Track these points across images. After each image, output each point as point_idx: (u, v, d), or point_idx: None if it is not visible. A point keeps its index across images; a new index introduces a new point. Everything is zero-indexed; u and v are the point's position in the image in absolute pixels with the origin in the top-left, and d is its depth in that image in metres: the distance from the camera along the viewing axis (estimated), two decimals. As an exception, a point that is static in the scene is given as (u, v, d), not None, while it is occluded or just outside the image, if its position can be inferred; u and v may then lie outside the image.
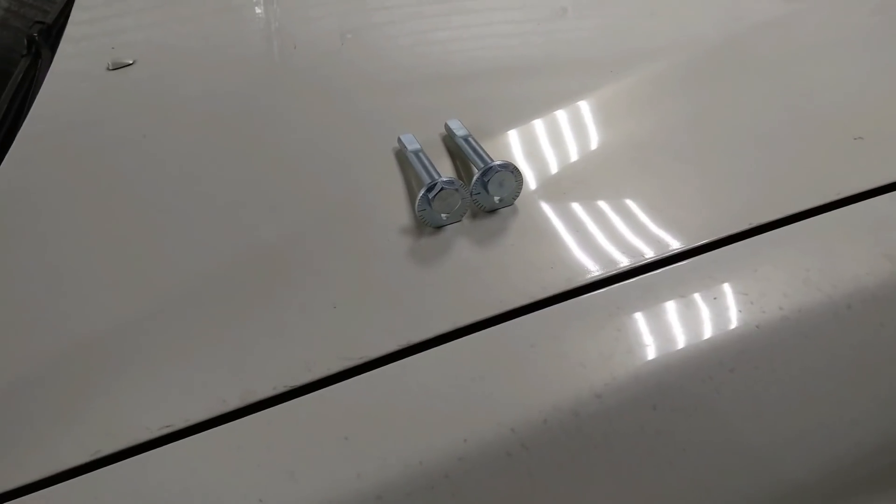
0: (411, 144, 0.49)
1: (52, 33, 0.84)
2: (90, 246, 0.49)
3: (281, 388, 0.37)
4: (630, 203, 0.47)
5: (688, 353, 0.39)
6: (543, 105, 0.58)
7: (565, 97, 0.59)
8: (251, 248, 0.46)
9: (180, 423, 0.36)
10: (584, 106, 0.57)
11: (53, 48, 0.77)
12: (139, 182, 0.54)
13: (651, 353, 0.38)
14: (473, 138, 0.49)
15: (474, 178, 0.44)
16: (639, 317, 0.40)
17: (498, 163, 0.44)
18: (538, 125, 0.56)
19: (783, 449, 0.39)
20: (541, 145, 0.54)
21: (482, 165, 0.45)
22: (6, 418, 0.38)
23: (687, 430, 0.38)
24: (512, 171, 0.44)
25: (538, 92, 0.61)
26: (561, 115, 0.57)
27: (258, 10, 0.80)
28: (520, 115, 0.56)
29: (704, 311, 0.40)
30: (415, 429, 0.35)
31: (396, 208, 0.47)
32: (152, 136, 0.59)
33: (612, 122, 0.56)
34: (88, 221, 0.51)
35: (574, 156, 0.52)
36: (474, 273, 0.42)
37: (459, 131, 0.50)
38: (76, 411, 0.38)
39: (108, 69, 0.69)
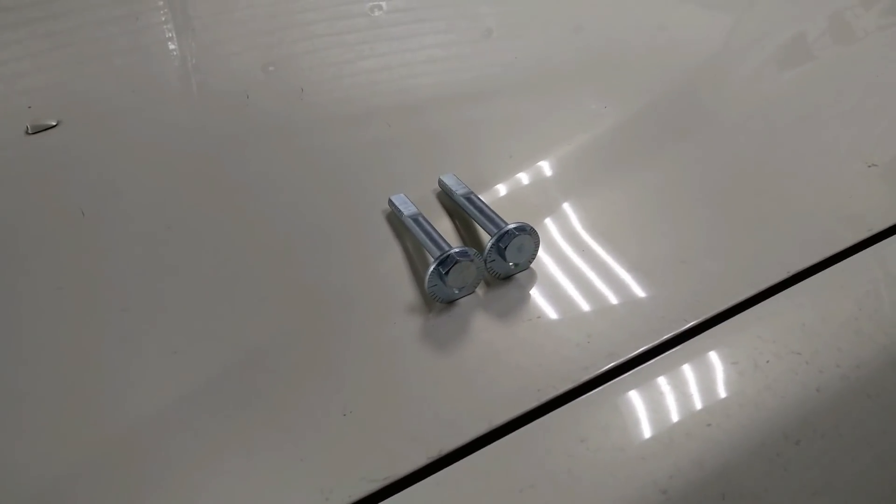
0: (406, 207, 0.44)
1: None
2: (36, 367, 0.40)
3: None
4: (656, 255, 0.43)
5: (749, 428, 0.35)
6: (527, 140, 0.54)
7: (544, 128, 0.56)
8: (238, 351, 0.39)
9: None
10: (583, 142, 0.53)
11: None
12: (88, 274, 0.46)
13: (712, 432, 0.34)
14: (476, 196, 0.44)
15: (489, 244, 0.39)
16: (692, 391, 0.36)
17: (513, 225, 0.39)
18: (528, 165, 0.51)
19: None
20: (541, 193, 0.49)
21: (496, 230, 0.40)
22: None
23: (762, 519, 0.33)
24: (530, 233, 0.40)
25: (506, 121, 0.57)
26: (555, 154, 0.52)
27: (172, 47, 0.73)
28: (501, 156, 0.52)
29: (759, 378, 0.36)
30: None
31: (399, 285, 0.42)
32: (94, 213, 0.50)
33: (619, 160, 0.52)
34: (36, 335, 0.42)
35: (585, 204, 0.47)
36: (503, 357, 0.37)
37: (459, 188, 0.45)
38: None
39: (28, 133, 0.60)
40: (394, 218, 0.46)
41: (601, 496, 0.32)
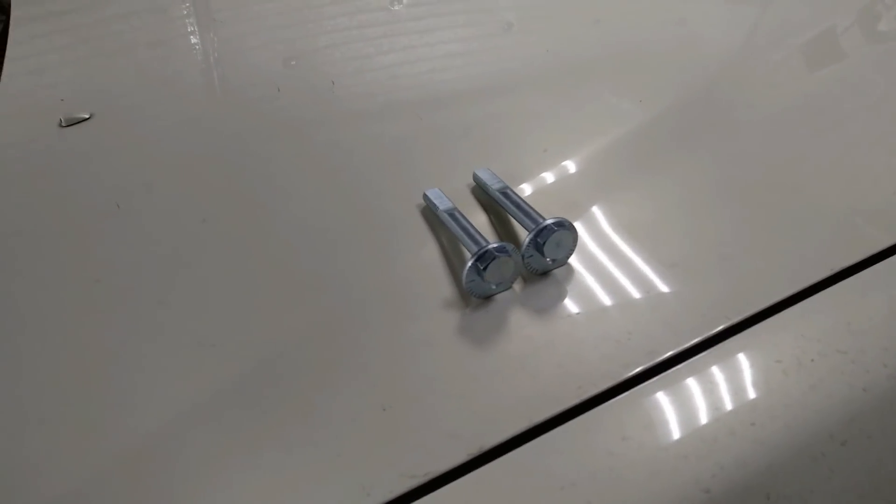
0: (441, 202, 0.44)
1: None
2: (69, 366, 0.40)
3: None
4: (695, 251, 0.42)
5: (794, 428, 0.34)
6: (559, 134, 0.54)
7: (575, 122, 0.55)
8: (275, 345, 0.39)
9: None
10: (616, 136, 0.53)
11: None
12: (126, 266, 0.46)
13: (755, 431, 0.34)
14: (512, 191, 0.44)
15: (527, 239, 0.39)
16: (735, 390, 0.35)
17: (551, 221, 0.39)
18: (562, 159, 0.51)
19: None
20: (577, 187, 0.48)
21: (533, 226, 0.39)
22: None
23: (808, 521, 0.33)
24: (568, 228, 0.39)
25: (536, 115, 0.57)
26: (589, 148, 0.52)
27: (194, 41, 0.73)
28: (535, 150, 0.52)
29: (804, 377, 0.36)
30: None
31: (435, 280, 0.41)
32: (129, 206, 0.51)
33: (653, 155, 0.51)
34: (67, 324, 0.42)
35: (621, 199, 0.47)
36: (542, 354, 0.37)
37: (494, 183, 0.45)
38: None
39: (62, 125, 0.61)
40: (429, 213, 0.46)
41: (643, 495, 0.32)
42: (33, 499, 0.33)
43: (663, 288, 0.40)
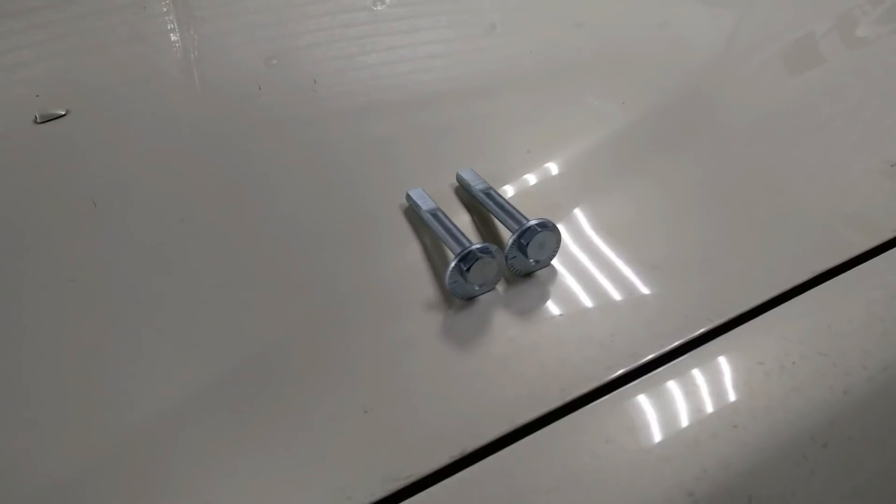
0: (424, 202, 0.43)
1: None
2: (48, 360, 0.39)
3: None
4: (678, 253, 0.42)
5: (776, 430, 0.34)
6: (542, 135, 0.54)
7: (558, 123, 0.55)
8: (254, 347, 0.39)
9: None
10: (599, 138, 0.53)
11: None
12: (102, 266, 0.45)
13: (738, 434, 0.33)
14: (495, 191, 0.43)
15: (510, 240, 0.39)
16: (717, 392, 0.35)
17: (535, 222, 0.39)
18: (545, 161, 0.51)
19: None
20: (560, 188, 0.48)
21: (517, 227, 0.39)
22: None
23: (788, 522, 0.33)
24: (552, 229, 0.39)
25: (519, 117, 0.57)
26: (572, 150, 0.52)
27: (174, 38, 0.72)
28: (518, 151, 0.52)
29: (786, 379, 0.36)
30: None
31: (417, 281, 0.41)
32: (106, 204, 0.50)
33: (636, 157, 0.51)
34: (41, 324, 0.41)
35: (605, 200, 0.47)
36: (525, 355, 0.36)
37: (477, 183, 0.44)
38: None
39: (37, 122, 0.59)
40: (412, 213, 0.46)
41: (627, 498, 0.31)
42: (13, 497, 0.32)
43: (646, 290, 0.40)
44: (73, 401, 0.37)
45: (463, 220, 0.45)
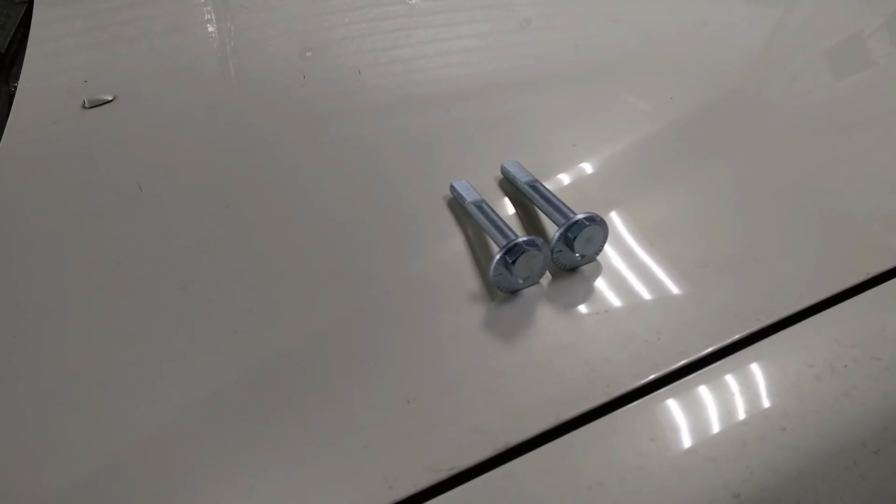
0: (469, 194, 0.43)
1: (3, 63, 0.75)
2: (95, 342, 0.40)
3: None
4: (727, 252, 0.42)
5: (826, 435, 0.33)
6: (588, 130, 0.53)
7: (602, 119, 0.55)
8: (299, 335, 0.39)
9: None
10: (647, 134, 0.52)
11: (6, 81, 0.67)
12: (148, 250, 0.45)
13: (787, 437, 0.33)
14: (542, 184, 0.43)
15: (556, 234, 0.38)
16: (766, 394, 0.34)
17: (583, 215, 0.38)
18: (592, 155, 0.50)
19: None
20: (606, 183, 0.48)
21: (564, 220, 0.39)
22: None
23: (838, 530, 0.32)
24: (599, 223, 0.39)
25: (563, 111, 0.56)
26: (619, 145, 0.51)
27: (211, 29, 0.73)
28: (564, 145, 0.51)
29: (837, 383, 0.35)
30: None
31: (461, 273, 0.41)
32: (151, 189, 0.50)
33: (684, 154, 0.50)
34: (87, 307, 0.42)
35: (652, 196, 0.46)
36: (569, 350, 0.36)
37: (523, 176, 0.44)
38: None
39: (85, 107, 0.61)
40: (455, 205, 0.46)
41: (671, 497, 0.31)
42: (46, 486, 0.33)
43: (693, 288, 0.39)
44: (120, 380, 0.37)
45: (508, 213, 0.45)
